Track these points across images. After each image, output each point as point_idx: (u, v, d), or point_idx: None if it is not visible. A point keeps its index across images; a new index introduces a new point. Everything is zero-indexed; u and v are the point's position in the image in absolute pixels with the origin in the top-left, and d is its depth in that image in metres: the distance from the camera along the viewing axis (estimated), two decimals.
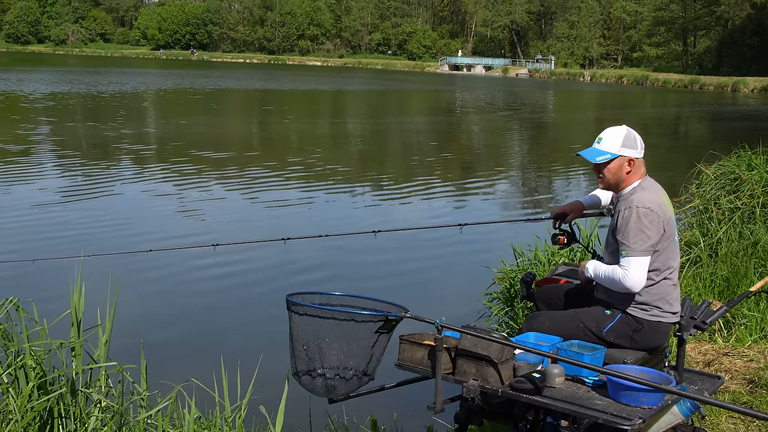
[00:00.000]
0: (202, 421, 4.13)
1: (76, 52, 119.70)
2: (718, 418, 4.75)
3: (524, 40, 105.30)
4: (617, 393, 3.44)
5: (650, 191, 4.04)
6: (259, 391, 4.27)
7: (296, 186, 15.28)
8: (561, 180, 18.38)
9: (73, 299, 4.11)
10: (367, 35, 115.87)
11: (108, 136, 22.47)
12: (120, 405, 4.06)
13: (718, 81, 68.26)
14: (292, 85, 55.35)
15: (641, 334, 4.01)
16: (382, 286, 8.81)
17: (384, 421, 4.99)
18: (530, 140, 28.28)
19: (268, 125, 28.54)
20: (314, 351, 3.54)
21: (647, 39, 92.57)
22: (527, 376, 3.54)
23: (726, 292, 6.55)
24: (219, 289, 8.67)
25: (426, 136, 27.69)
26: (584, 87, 70.49)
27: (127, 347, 5.17)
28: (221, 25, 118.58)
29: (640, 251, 3.89)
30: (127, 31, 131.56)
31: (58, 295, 5.15)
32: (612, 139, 4.07)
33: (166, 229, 11.36)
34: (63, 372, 3.99)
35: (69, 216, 11.88)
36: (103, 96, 37.86)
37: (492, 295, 7.06)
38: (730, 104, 49.94)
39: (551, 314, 4.24)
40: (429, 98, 50.06)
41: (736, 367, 5.49)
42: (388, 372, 3.90)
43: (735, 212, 7.81)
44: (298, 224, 11.72)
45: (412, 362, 3.82)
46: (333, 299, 3.71)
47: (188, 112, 32.44)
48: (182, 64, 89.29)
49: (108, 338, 4.20)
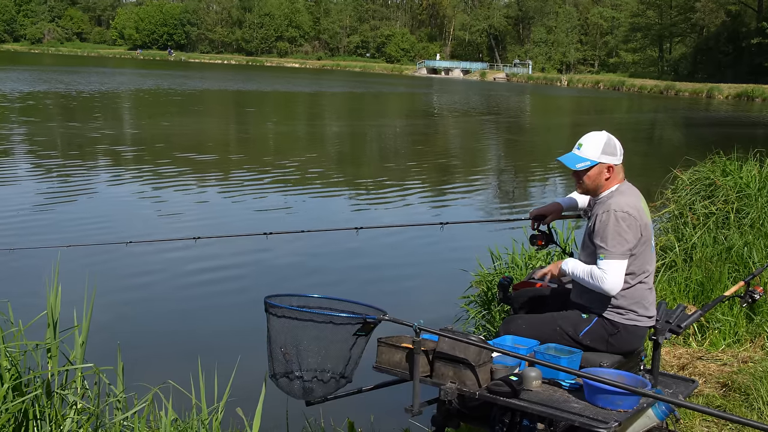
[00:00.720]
0: (178, 423, 4.10)
1: (52, 51, 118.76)
2: (692, 421, 4.79)
3: (502, 45, 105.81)
4: (593, 396, 3.47)
5: (628, 195, 4.07)
6: (236, 393, 4.25)
7: (279, 186, 15.20)
8: (539, 182, 18.46)
9: (49, 300, 4.07)
10: (346, 38, 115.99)
11: (89, 136, 22.24)
12: (96, 407, 4.03)
13: (693, 87, 68.90)
14: (272, 87, 55.22)
15: (617, 338, 4.04)
16: (361, 288, 8.81)
17: (361, 424, 4.99)
18: (508, 144, 28.39)
19: (251, 127, 28.37)
20: (292, 353, 3.54)
21: (624, 45, 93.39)
22: (504, 379, 3.56)
23: (700, 297, 6.62)
24: (197, 290, 8.64)
25: (405, 139, 27.73)
26: (561, 92, 70.90)
27: (104, 348, 5.12)
28: (199, 25, 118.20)
29: (618, 255, 3.93)
30: (104, 30, 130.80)
31: (34, 294, 5.10)
32: (592, 146, 4.08)
33: (147, 226, 11.29)
34: (38, 373, 3.95)
35: (47, 215, 11.76)
36: (84, 96, 37.53)
37: (469, 298, 7.09)
38: (704, 110, 50.42)
39: (528, 317, 4.26)
40: (408, 101, 50.14)
41: (710, 371, 5.55)
42: (366, 375, 3.91)
43: (710, 217, 7.89)
44: (279, 222, 11.68)
45: (389, 365, 3.83)
46: (311, 302, 3.71)
47: (170, 113, 32.18)
48: (160, 65, 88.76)
49: (84, 339, 4.16)
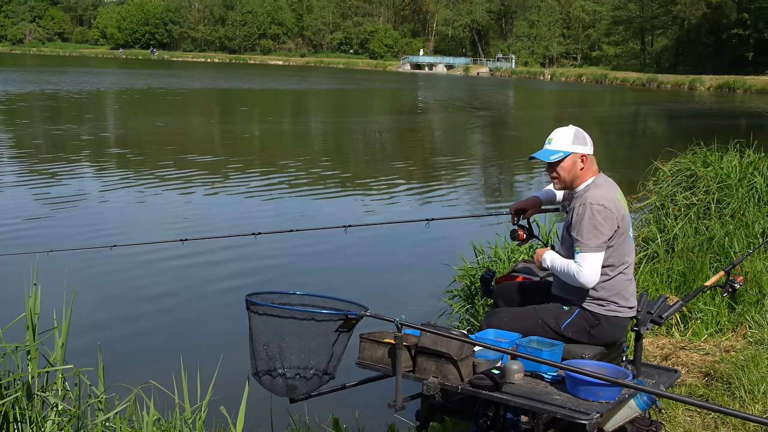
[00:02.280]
0: (161, 423, 4.08)
1: (34, 51, 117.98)
2: (675, 410, 4.82)
3: (485, 39, 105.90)
4: (575, 388, 3.48)
5: (604, 188, 4.10)
6: (219, 391, 4.24)
7: (269, 185, 15.17)
8: (522, 177, 18.50)
9: (28, 302, 4.04)
10: (329, 34, 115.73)
11: (79, 138, 22.14)
12: (77, 408, 4.00)
13: (675, 79, 69.21)
14: (262, 85, 55.10)
15: (598, 330, 4.05)
16: (343, 285, 8.81)
17: (346, 420, 4.99)
18: (492, 139, 28.43)
19: (246, 126, 28.02)
20: (274, 351, 3.53)
21: (606, 38, 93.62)
22: (487, 373, 3.56)
23: (682, 287, 6.65)
24: (178, 289, 8.61)
25: (391, 136, 27.72)
26: (544, 86, 71.06)
27: (85, 349, 5.10)
28: (181, 24, 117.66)
29: (594, 247, 3.95)
30: (85, 30, 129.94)
31: (12, 296, 5.06)
32: (562, 138, 4.14)
33: (133, 228, 11.23)
34: (18, 376, 3.92)
35: (30, 215, 11.69)
36: (75, 97, 37.33)
37: (453, 292, 7.10)
38: (686, 102, 50.66)
39: (510, 311, 4.27)
40: (394, 98, 50.09)
41: (693, 361, 5.58)
42: (350, 371, 3.91)
43: (691, 208, 7.94)
44: (264, 222, 11.63)
45: (372, 360, 3.82)
46: (293, 299, 3.71)
47: (163, 113, 32.04)
48: (143, 64, 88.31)
49: (64, 341, 4.13)
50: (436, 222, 5.97)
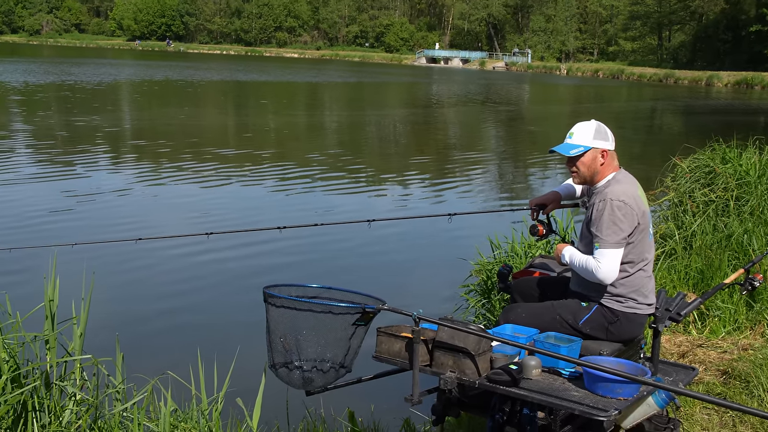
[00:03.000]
0: (178, 414, 4.10)
1: (51, 42, 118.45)
2: (693, 408, 4.79)
3: (501, 34, 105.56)
4: (593, 384, 3.46)
5: (624, 184, 4.07)
6: (236, 383, 4.25)
7: (286, 177, 15.19)
8: (539, 171, 18.45)
9: (47, 291, 4.06)
10: (345, 27, 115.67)
11: (102, 129, 22.21)
12: (95, 398, 4.02)
13: (692, 75, 68.85)
14: (279, 78, 55.11)
15: (617, 326, 4.03)
16: (360, 278, 8.81)
17: (361, 413, 4.99)
18: (508, 133, 28.36)
19: (267, 119, 28.11)
20: (291, 343, 3.53)
21: (623, 33, 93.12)
22: (504, 368, 3.55)
23: (700, 284, 6.61)
24: (195, 281, 8.62)
25: (408, 128, 27.74)
26: (560, 80, 70.78)
27: (103, 340, 5.11)
28: (197, 16, 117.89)
29: (613, 243, 3.93)
30: (102, 21, 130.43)
31: (32, 287, 5.09)
32: (583, 133, 4.12)
33: (158, 221, 11.24)
34: (37, 365, 3.94)
35: (52, 207, 11.71)
36: (96, 88, 37.60)
37: (469, 287, 7.07)
38: (704, 98, 50.36)
39: (528, 306, 4.25)
40: (410, 91, 50.04)
41: (710, 359, 5.54)
42: (366, 364, 3.90)
43: (709, 205, 7.87)
44: (287, 215, 11.58)
45: (389, 354, 3.82)
46: (310, 291, 3.70)
47: (184, 105, 32.12)
48: (159, 56, 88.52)
49: (83, 331, 4.15)
50: (452, 216, 5.96)
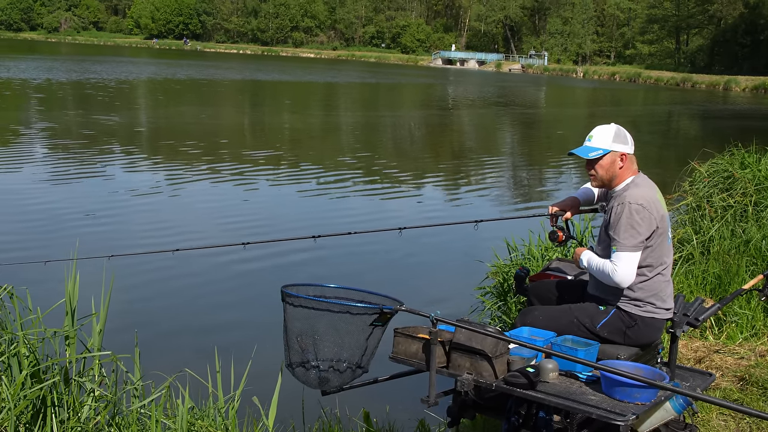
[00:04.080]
0: (195, 412, 4.12)
1: (69, 40, 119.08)
2: (710, 414, 4.77)
3: (518, 36, 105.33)
4: (610, 388, 3.46)
5: (643, 187, 4.06)
6: (252, 382, 4.26)
7: (314, 180, 15.16)
8: (557, 174, 18.40)
9: (67, 288, 4.09)
10: (361, 28, 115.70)
11: (131, 128, 22.38)
12: (113, 394, 4.05)
13: (710, 79, 68.44)
14: (301, 78, 55.16)
15: (634, 330, 4.02)
16: (377, 279, 8.81)
17: (377, 414, 5.00)
18: (525, 135, 28.30)
19: (294, 121, 27.99)
20: (308, 343, 3.54)
21: (640, 36, 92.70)
22: (521, 371, 3.55)
23: (718, 290, 6.58)
24: (213, 280, 8.65)
25: (427, 131, 27.73)
26: (577, 83, 70.56)
27: (121, 337, 5.15)
28: (214, 15, 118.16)
29: (630, 247, 3.92)
30: (119, 19, 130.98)
31: (53, 283, 5.12)
32: (602, 136, 4.12)
33: (186, 224, 11.12)
34: (56, 360, 3.97)
35: (84, 208, 11.67)
36: (122, 86, 37.97)
37: (485, 289, 7.07)
38: (722, 103, 50.08)
39: (545, 309, 4.25)
40: (426, 93, 50.02)
41: (727, 364, 5.52)
42: (382, 365, 3.91)
43: (727, 210, 7.84)
44: (318, 222, 11.35)
45: (406, 355, 3.82)
46: (327, 291, 3.71)
47: (209, 105, 32.25)
48: (177, 54, 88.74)
49: (102, 327, 4.18)
50: (467, 218, 5.93)
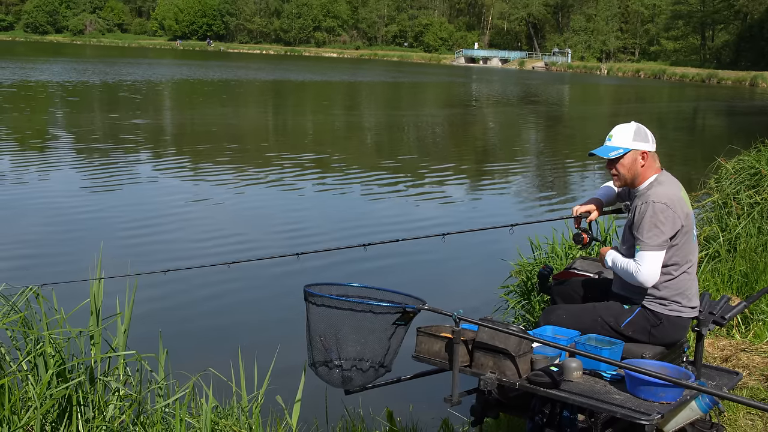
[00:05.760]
0: (219, 411, 4.14)
1: (94, 42, 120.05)
2: (736, 414, 4.72)
3: (541, 33, 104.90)
4: (635, 388, 3.43)
5: (667, 186, 4.03)
6: (275, 381, 4.28)
7: (353, 185, 15.04)
8: (581, 173, 18.30)
9: (92, 288, 4.12)
10: (384, 27, 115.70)
11: (174, 130, 22.59)
12: (138, 393, 4.07)
13: (736, 75, 67.84)
14: (332, 78, 55.29)
15: (660, 329, 3.99)
16: (400, 278, 8.80)
17: (400, 413, 4.99)
18: (548, 134, 28.16)
19: (336, 122, 28.00)
20: (331, 342, 3.54)
21: (665, 33, 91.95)
22: (545, 370, 3.53)
23: (744, 288, 6.51)
24: (237, 280, 8.67)
25: (454, 130, 27.69)
26: (601, 81, 70.12)
27: (146, 337, 5.17)
28: (238, 16, 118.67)
29: (654, 246, 3.88)
30: (144, 21, 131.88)
31: (79, 283, 5.16)
32: (622, 135, 4.09)
33: (229, 228, 11.00)
34: (82, 360, 4.00)
35: (132, 215, 11.54)
36: (157, 88, 38.46)
37: (509, 288, 7.04)
38: (748, 99, 49.57)
39: (569, 308, 4.22)
40: (449, 91, 49.95)
41: (754, 363, 5.46)
42: (405, 364, 3.90)
43: (754, 207, 7.75)
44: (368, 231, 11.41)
45: (429, 354, 3.81)
46: (350, 290, 3.71)
47: (247, 106, 32.36)
48: (201, 55, 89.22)
49: (127, 327, 4.21)
50: (521, 224, 5.78)
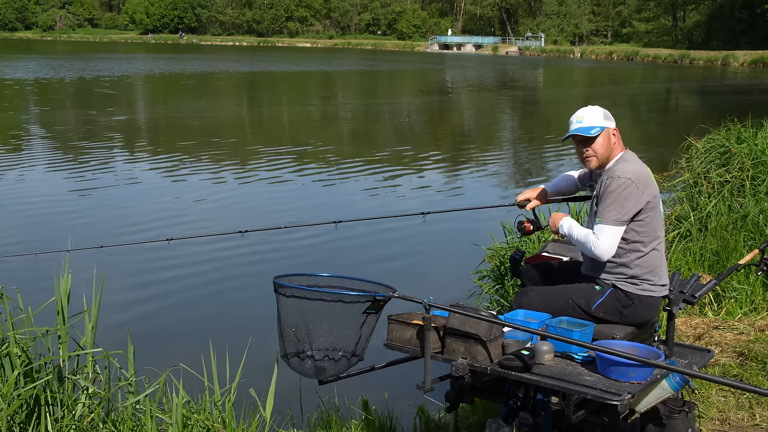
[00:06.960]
0: (191, 405, 4.10)
1: (64, 37, 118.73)
2: (709, 391, 4.75)
3: (514, 18, 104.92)
4: (606, 369, 3.43)
5: (632, 162, 4.08)
6: (248, 374, 4.24)
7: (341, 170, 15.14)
8: (555, 156, 18.35)
9: (58, 286, 4.07)
10: (357, 16, 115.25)
11: (156, 123, 22.53)
12: (107, 391, 4.03)
13: (708, 55, 68.22)
14: (310, 68, 54.89)
15: (631, 309, 4.00)
16: (373, 267, 8.78)
17: (375, 402, 4.98)
18: (523, 118, 28.21)
19: (319, 110, 27.96)
20: (303, 333, 3.52)
21: (637, 14, 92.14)
22: (516, 354, 3.52)
23: (716, 266, 6.55)
24: (205, 273, 8.63)
25: (428, 117, 27.67)
26: (575, 64, 70.32)
27: (114, 334, 5.14)
28: (209, 8, 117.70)
29: (614, 221, 3.92)
30: (114, 15, 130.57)
31: (44, 282, 5.10)
32: (593, 116, 4.12)
33: (187, 218, 11.10)
34: (49, 359, 3.95)
35: (77, 204, 11.74)
36: (136, 83, 38.26)
37: (482, 273, 7.05)
38: (720, 78, 49.90)
39: (540, 290, 4.22)
40: (424, 78, 49.90)
41: (726, 340, 5.49)
42: (379, 352, 3.89)
43: (725, 185, 7.80)
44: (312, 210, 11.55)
45: (400, 342, 3.80)
46: (320, 280, 3.70)
47: (231, 98, 32.30)
48: (173, 49, 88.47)
49: (94, 324, 4.16)
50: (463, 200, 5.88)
